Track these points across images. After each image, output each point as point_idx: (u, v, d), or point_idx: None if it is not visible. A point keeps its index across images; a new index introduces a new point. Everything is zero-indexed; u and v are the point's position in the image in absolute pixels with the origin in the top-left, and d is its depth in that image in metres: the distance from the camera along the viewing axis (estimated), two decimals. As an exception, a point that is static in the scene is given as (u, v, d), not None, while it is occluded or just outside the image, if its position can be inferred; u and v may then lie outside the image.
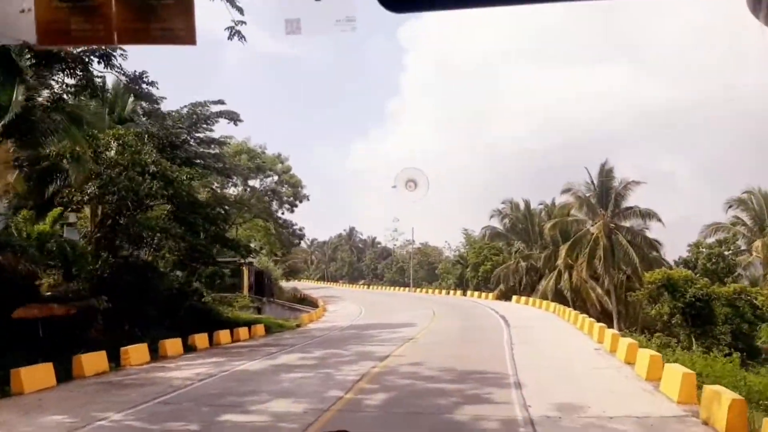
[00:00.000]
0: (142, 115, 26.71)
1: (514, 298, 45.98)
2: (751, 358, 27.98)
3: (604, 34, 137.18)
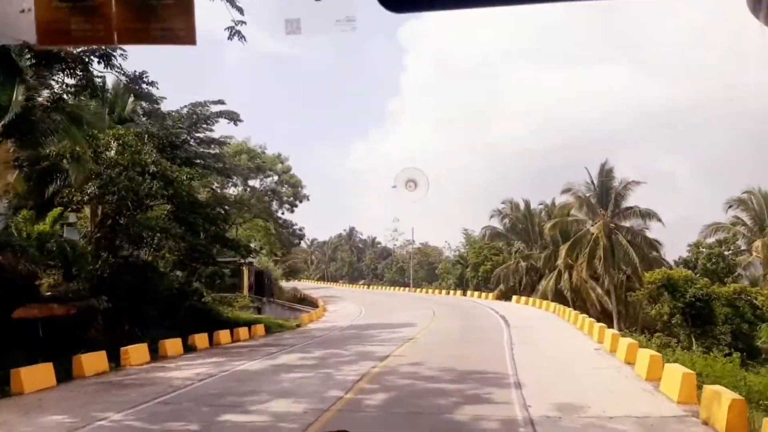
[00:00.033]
0: (142, 115, 26.70)
1: (514, 298, 45.98)
2: (751, 358, 27.99)
3: (604, 34, 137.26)
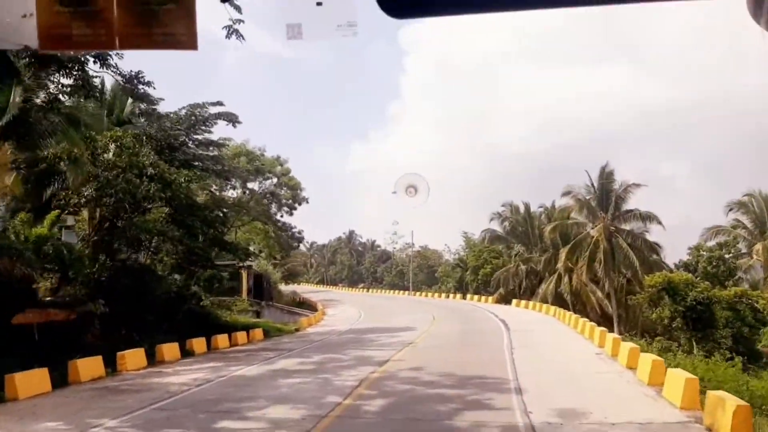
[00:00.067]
0: (139, 116, 26.58)
1: (513, 301, 45.84)
2: (752, 362, 27.86)
3: (604, 35, 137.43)
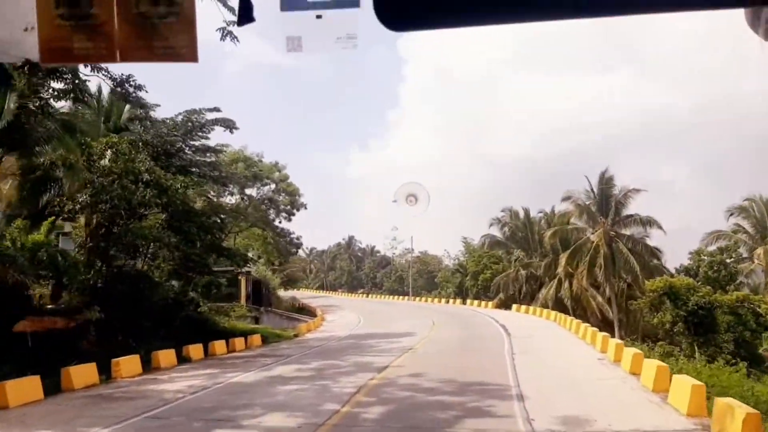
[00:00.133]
0: (135, 121, 26.39)
1: (514, 306, 45.58)
2: (753, 366, 27.63)
3: (604, 41, 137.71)
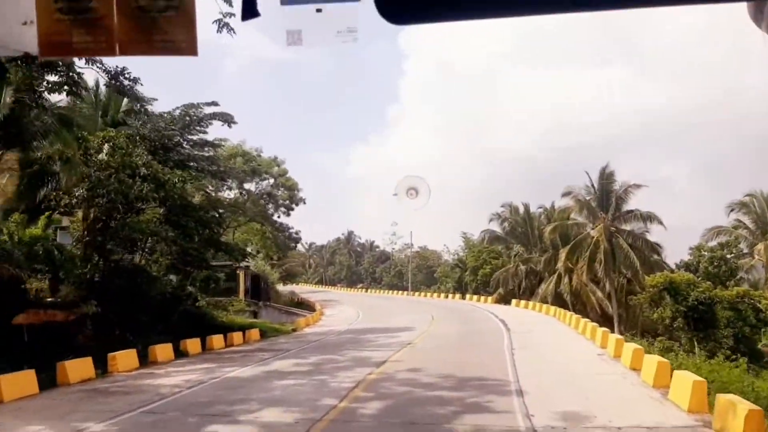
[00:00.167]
0: (132, 115, 26.20)
1: (513, 301, 45.50)
2: (753, 362, 27.57)
3: (603, 37, 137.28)
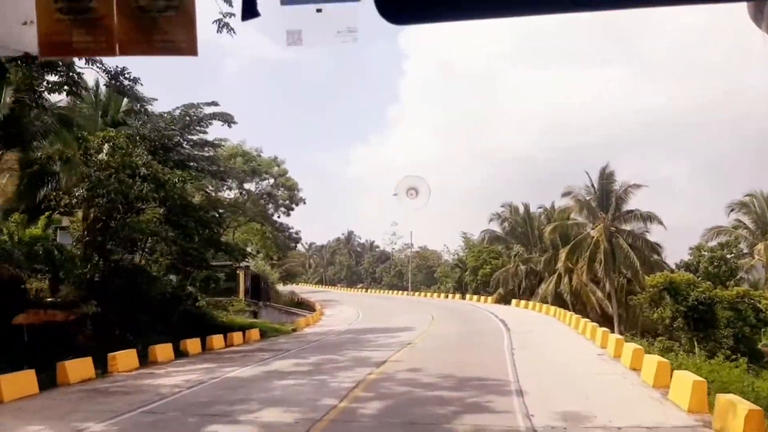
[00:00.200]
0: (132, 115, 26.21)
1: (513, 301, 45.50)
2: (753, 362, 27.57)
3: (603, 37, 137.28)
